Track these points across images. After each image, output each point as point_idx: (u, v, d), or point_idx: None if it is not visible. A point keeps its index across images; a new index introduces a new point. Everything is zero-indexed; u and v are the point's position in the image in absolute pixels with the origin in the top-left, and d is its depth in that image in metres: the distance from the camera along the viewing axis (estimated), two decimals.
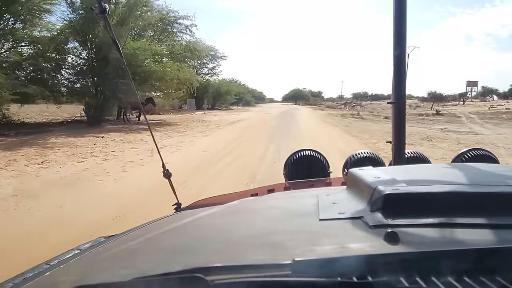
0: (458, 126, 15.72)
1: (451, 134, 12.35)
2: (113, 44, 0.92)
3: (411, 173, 0.65)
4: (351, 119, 20.09)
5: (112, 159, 6.65)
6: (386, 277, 0.33)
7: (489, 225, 0.41)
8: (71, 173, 5.42)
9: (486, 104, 37.08)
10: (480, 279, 0.33)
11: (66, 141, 8.76)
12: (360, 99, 78.36)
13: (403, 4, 1.15)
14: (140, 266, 0.43)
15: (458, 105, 41.55)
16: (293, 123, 16.97)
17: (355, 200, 0.55)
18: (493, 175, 0.59)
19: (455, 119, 20.44)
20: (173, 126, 13.67)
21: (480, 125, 16.47)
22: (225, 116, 21.99)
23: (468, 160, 1.17)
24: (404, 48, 1.16)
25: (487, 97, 59.69)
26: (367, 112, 27.84)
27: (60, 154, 7.01)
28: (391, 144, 1.23)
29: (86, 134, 10.09)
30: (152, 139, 1.22)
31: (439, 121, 18.93)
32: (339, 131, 12.92)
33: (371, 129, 13.42)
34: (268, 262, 0.37)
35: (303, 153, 1.37)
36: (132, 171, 5.62)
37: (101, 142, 8.87)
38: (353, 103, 44.40)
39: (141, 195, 4.20)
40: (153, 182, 4.15)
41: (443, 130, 13.84)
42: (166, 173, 1.19)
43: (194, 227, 0.57)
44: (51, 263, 0.60)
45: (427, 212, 0.44)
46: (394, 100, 1.19)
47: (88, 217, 3.42)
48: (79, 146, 7.97)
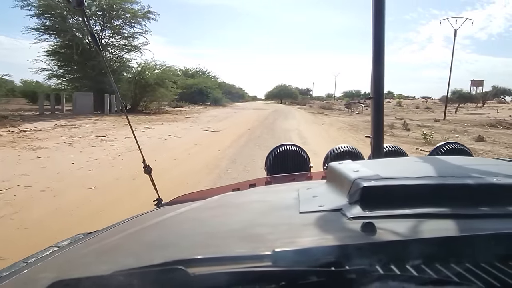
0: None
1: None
2: (92, 39, 0.90)
3: (388, 166, 0.67)
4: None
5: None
6: (362, 265, 0.34)
7: (460, 215, 0.43)
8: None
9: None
10: (451, 266, 0.35)
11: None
12: (352, 98, 63.66)
13: (381, 1, 1.17)
14: (121, 260, 0.42)
15: (484, 107, 36.37)
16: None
17: (335, 193, 0.56)
18: (466, 168, 0.61)
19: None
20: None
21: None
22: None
23: (444, 153, 1.21)
24: (382, 45, 1.19)
25: (500, 98, 51.82)
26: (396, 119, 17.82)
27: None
28: (369, 138, 1.26)
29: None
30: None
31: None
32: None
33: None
34: (248, 253, 0.37)
35: (284, 148, 1.38)
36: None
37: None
38: (360, 103, 30.07)
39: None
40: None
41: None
42: (147, 168, 1.18)
43: (175, 221, 0.57)
44: (28, 261, 0.58)
45: (403, 203, 0.46)
46: (373, 96, 1.21)
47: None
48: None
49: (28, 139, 8.17)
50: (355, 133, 11.95)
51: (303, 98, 63.41)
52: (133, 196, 4.01)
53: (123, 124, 11.76)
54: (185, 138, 9.44)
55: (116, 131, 10.25)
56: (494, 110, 30.48)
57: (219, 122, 15.02)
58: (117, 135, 9.34)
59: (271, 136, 10.27)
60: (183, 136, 9.72)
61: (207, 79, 41.01)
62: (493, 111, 29.72)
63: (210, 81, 40.84)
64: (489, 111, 29.88)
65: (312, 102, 58.49)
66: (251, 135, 10.38)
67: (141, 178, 3.56)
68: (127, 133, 8.98)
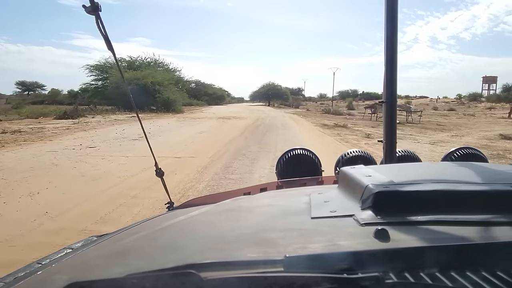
0: None
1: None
2: (106, 43, 0.92)
3: (401, 171, 0.66)
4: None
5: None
6: (375, 272, 0.33)
7: (475, 222, 0.42)
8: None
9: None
10: (466, 274, 0.34)
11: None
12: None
13: (394, 5, 1.16)
14: (133, 263, 0.43)
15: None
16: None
17: (347, 198, 0.56)
18: (481, 174, 0.60)
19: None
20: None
21: None
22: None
23: (458, 158, 1.19)
24: (395, 47, 1.18)
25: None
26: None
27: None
28: (382, 143, 1.24)
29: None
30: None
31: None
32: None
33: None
34: (260, 258, 0.37)
35: (295, 152, 1.38)
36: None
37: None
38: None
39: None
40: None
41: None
42: (159, 172, 1.19)
43: (187, 225, 0.58)
44: (42, 262, 0.59)
45: (416, 210, 0.45)
46: (385, 100, 1.20)
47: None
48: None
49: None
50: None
51: (294, 99, 54.66)
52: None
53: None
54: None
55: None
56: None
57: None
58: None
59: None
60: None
61: (157, 73, 27.86)
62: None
63: (162, 74, 28.11)
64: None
65: (305, 103, 51.91)
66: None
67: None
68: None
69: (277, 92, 54.89)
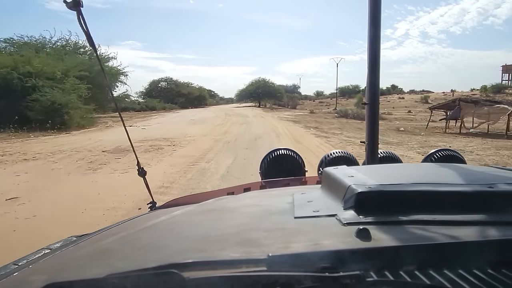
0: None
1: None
2: (88, 39, 0.90)
3: (383, 172, 0.67)
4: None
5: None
6: (356, 271, 0.34)
7: (453, 222, 0.44)
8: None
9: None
10: (444, 272, 0.35)
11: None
12: (350, 95, 48.25)
13: (378, 7, 1.18)
14: (114, 263, 0.42)
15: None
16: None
17: (329, 198, 0.56)
18: (459, 175, 0.62)
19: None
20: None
21: None
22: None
23: (438, 160, 1.22)
24: (378, 50, 1.20)
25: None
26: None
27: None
28: (364, 144, 1.27)
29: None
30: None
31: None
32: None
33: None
34: (243, 258, 0.37)
35: (279, 152, 1.38)
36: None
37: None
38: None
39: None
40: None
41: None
42: (141, 171, 1.17)
43: (169, 225, 0.57)
44: (19, 263, 0.57)
45: (397, 210, 0.46)
46: (368, 101, 1.22)
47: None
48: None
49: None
50: None
51: (290, 98, 44.58)
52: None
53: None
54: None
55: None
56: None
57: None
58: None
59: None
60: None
61: (42, 58, 15.68)
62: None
63: (53, 60, 16.56)
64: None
65: (301, 102, 44.89)
66: None
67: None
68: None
69: (268, 90, 44.19)
